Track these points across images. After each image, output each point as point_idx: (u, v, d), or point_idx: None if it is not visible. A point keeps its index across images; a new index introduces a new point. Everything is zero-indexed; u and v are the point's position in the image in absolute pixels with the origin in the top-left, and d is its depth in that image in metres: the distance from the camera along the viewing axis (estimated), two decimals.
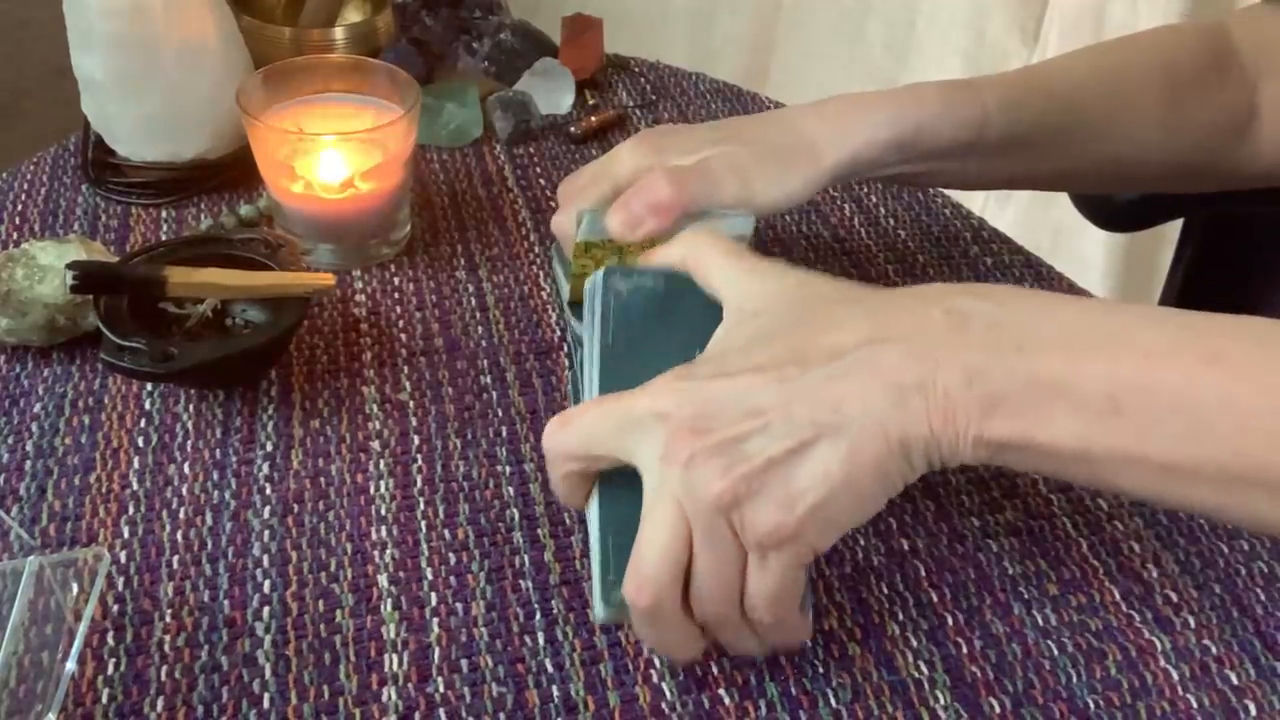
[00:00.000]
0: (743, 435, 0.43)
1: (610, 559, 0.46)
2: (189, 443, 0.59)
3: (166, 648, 0.49)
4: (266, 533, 0.54)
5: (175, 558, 0.53)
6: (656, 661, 0.49)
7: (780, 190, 0.58)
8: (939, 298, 0.45)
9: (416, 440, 0.59)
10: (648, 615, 0.44)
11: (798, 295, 0.48)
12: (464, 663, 0.49)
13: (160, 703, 0.47)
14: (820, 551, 0.44)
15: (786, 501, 0.42)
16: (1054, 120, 0.64)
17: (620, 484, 0.46)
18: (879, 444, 0.42)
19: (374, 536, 0.54)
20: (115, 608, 0.51)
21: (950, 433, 0.42)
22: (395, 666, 0.49)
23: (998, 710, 0.48)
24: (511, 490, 0.57)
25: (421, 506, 0.56)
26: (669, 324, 0.51)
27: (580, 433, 0.46)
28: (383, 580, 0.52)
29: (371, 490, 0.57)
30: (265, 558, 0.53)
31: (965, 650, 0.50)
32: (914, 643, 0.51)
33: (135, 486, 0.56)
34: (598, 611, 0.47)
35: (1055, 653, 0.50)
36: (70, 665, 0.46)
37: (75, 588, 0.48)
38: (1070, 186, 0.83)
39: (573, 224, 0.58)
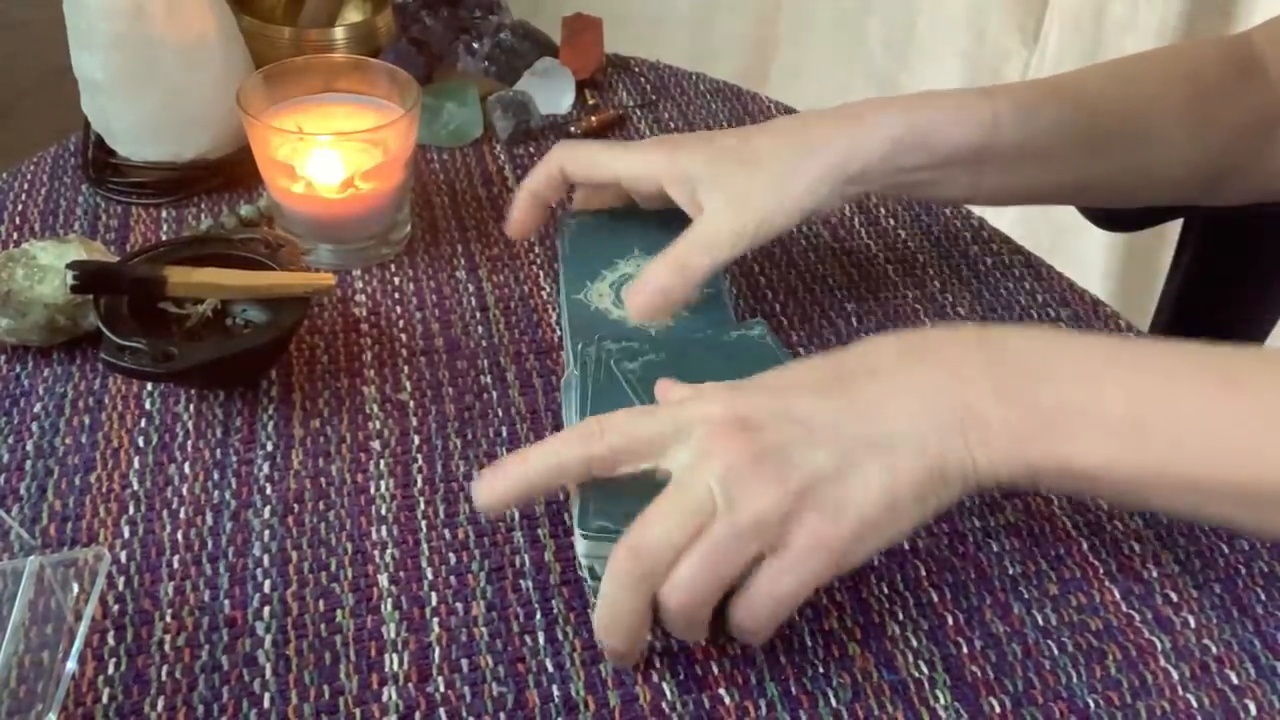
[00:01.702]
0: (787, 442, 0.44)
1: (589, 504, 0.47)
2: (189, 443, 0.59)
3: (166, 648, 0.49)
4: (267, 532, 0.54)
5: (175, 557, 0.53)
6: (656, 661, 0.49)
7: (782, 219, 0.59)
8: (969, 327, 0.48)
9: (416, 440, 0.59)
10: (628, 581, 0.44)
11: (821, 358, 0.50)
12: (464, 662, 0.49)
13: (160, 703, 0.47)
14: (845, 569, 0.45)
15: (834, 514, 0.44)
16: (1071, 127, 0.63)
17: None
18: (920, 463, 0.44)
19: (374, 536, 0.54)
20: (115, 608, 0.51)
21: (984, 454, 0.44)
22: (395, 666, 0.49)
23: (998, 710, 0.48)
24: None
25: (421, 506, 0.56)
26: (618, 233, 0.65)
27: (624, 431, 0.47)
28: (383, 580, 0.52)
29: (372, 490, 0.57)
30: (265, 557, 0.53)
31: (965, 650, 0.50)
32: (914, 643, 0.51)
33: (135, 486, 0.56)
34: (578, 547, 0.48)
35: (1055, 653, 0.50)
36: (70, 665, 0.46)
37: (75, 588, 0.48)
38: (1092, 199, 0.79)
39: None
